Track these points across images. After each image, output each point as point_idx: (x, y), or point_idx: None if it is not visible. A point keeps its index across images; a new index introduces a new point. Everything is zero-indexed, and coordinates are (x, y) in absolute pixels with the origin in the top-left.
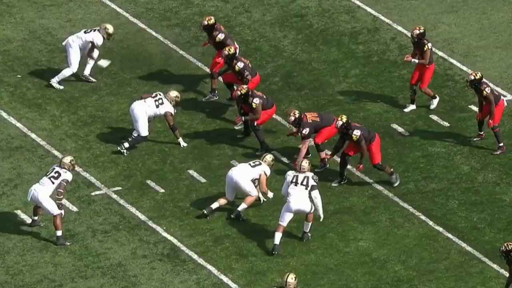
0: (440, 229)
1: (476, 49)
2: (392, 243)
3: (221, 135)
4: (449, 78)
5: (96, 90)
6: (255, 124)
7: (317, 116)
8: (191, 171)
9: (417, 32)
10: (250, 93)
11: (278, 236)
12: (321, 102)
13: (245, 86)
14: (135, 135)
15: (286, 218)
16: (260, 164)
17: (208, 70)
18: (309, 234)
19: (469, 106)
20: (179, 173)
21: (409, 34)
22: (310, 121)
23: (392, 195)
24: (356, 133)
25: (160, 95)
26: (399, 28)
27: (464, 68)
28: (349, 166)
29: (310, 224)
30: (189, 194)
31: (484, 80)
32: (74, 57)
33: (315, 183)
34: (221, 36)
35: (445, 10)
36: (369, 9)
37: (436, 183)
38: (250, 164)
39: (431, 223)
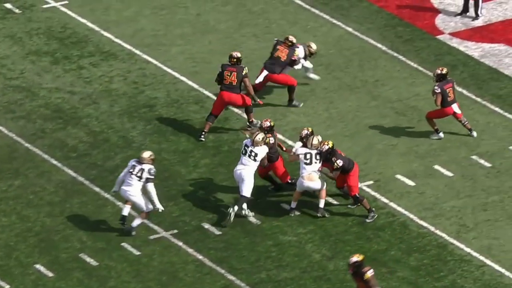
0: None
1: (325, 138)
2: None
3: (68, 227)
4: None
5: None
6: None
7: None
8: (37, 266)
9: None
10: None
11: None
12: (172, 192)
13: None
14: None
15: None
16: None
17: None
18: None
19: None
20: (24, 268)
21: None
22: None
23: (245, 285)
24: (339, 162)
25: None
26: None
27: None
28: None
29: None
30: None
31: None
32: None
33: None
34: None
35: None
36: None
37: (288, 272)
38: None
39: None
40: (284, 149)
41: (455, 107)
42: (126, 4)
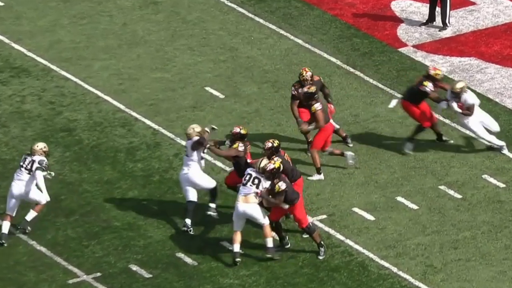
0: None
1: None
2: None
3: None
4: None
5: None
6: None
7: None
8: None
9: None
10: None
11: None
12: (94, 230)
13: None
14: None
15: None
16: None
17: None
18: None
19: None
20: None
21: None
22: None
23: None
24: (281, 185)
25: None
26: (183, 142)
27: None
28: None
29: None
30: None
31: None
32: None
33: None
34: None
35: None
36: (148, 122)
37: None
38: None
39: None
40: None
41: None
42: (40, 12)
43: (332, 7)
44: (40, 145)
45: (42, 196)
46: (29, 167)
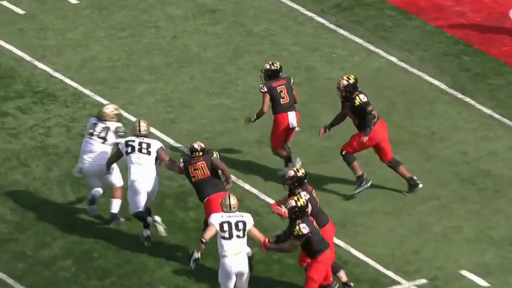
0: None
1: (356, 213)
2: None
3: None
4: None
5: None
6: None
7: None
8: None
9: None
10: None
11: None
12: None
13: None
14: None
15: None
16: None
17: None
18: None
19: None
20: None
21: None
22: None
23: None
24: (303, 228)
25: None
26: (247, 186)
27: None
28: None
29: None
30: None
31: None
32: None
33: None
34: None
35: None
36: None
37: None
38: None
39: None
40: (229, 186)
41: None
42: (70, 23)
43: (435, 16)
44: (111, 108)
45: (117, 178)
46: (102, 134)
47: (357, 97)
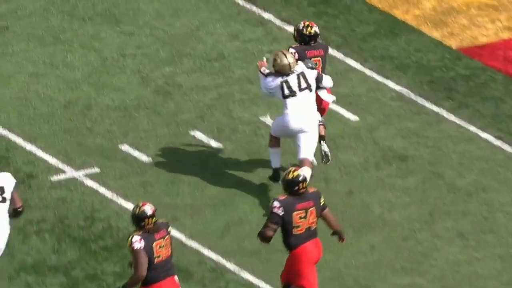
0: None
1: None
2: None
3: None
4: None
5: None
6: None
7: None
8: None
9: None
10: None
11: None
12: None
13: None
14: None
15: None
16: None
17: None
18: None
19: None
20: None
21: None
22: None
23: None
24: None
25: None
26: None
27: None
28: None
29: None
30: None
31: None
32: None
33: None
34: None
35: None
36: None
37: None
38: None
39: None
40: None
41: None
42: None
43: None
44: (291, 59)
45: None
46: (304, 85)
47: None
